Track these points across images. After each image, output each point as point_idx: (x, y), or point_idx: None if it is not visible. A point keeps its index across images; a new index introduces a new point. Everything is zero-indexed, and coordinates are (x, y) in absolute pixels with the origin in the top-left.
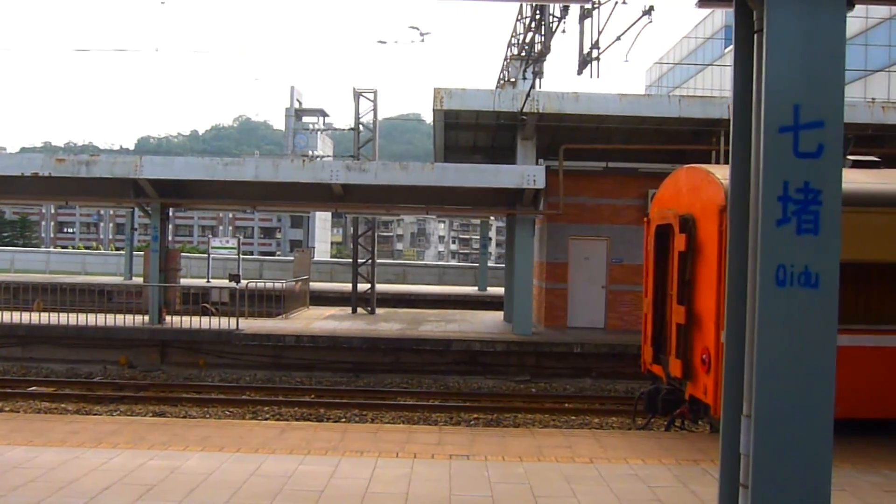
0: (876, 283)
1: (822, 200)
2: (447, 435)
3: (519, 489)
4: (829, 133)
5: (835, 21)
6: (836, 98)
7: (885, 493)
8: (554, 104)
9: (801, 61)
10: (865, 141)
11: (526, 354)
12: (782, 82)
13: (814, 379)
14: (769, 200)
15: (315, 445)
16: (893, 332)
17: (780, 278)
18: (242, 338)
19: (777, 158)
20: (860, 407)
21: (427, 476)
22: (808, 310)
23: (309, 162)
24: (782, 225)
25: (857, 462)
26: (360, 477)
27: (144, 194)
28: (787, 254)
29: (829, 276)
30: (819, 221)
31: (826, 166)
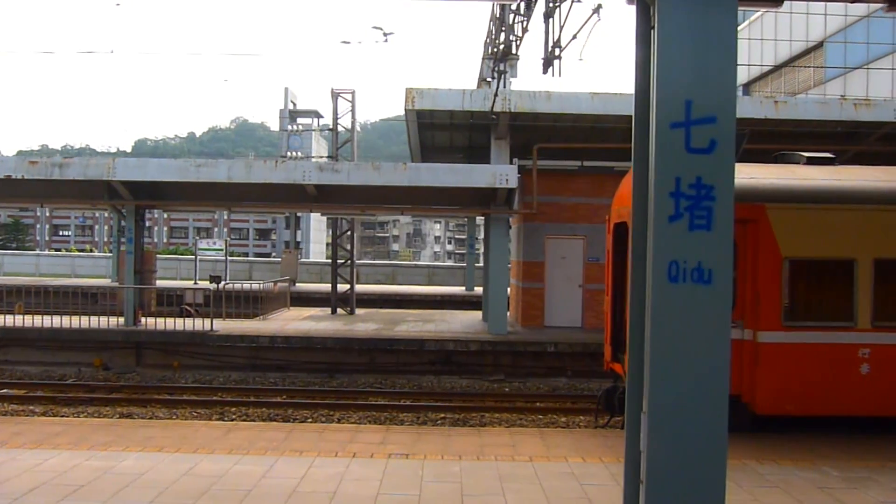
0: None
1: (715, 196)
2: (392, 434)
3: (449, 488)
4: (722, 128)
5: (725, 18)
6: (728, 93)
7: (819, 489)
8: (526, 103)
9: (692, 57)
10: (839, 138)
11: (501, 354)
12: (674, 78)
13: (708, 375)
14: (661, 196)
15: (257, 445)
16: (835, 329)
17: (673, 274)
18: (216, 339)
19: (669, 154)
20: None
21: (360, 475)
22: (702, 305)
23: (283, 163)
24: (675, 221)
25: (799, 459)
26: (292, 476)
27: (119, 196)
28: (680, 250)
29: (722, 272)
30: (712, 217)
31: (719, 162)
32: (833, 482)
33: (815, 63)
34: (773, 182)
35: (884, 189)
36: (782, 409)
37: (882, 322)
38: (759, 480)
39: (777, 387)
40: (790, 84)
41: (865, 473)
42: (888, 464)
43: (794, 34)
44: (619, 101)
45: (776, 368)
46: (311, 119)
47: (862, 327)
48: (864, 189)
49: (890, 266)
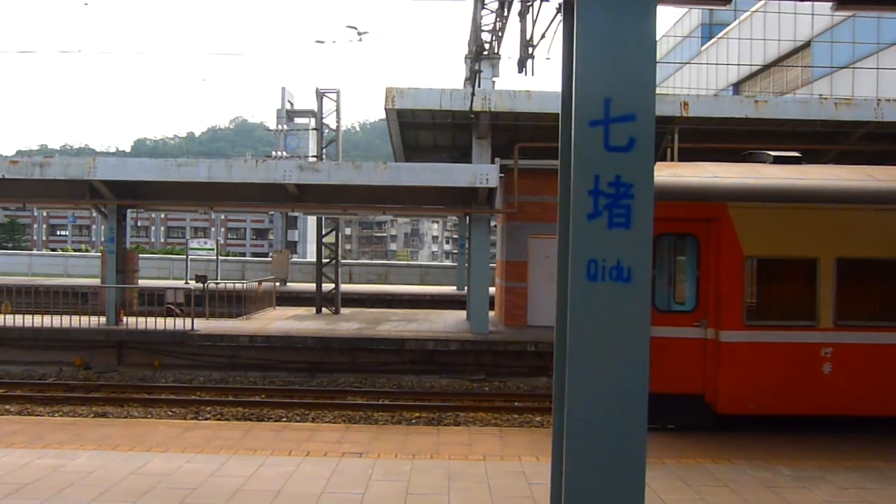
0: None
1: (634, 194)
2: (351, 434)
3: (395, 486)
4: (641, 126)
5: (644, 16)
6: (647, 92)
7: (768, 488)
8: (506, 103)
9: (611, 56)
10: (822, 138)
11: (482, 353)
12: (593, 76)
13: (627, 372)
14: (580, 195)
15: (213, 444)
16: (797, 328)
17: (592, 273)
18: (197, 338)
19: (588, 152)
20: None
21: (309, 474)
22: (621, 304)
23: (263, 162)
24: (594, 219)
25: (754, 458)
26: (240, 475)
27: (100, 196)
28: (599, 248)
29: (641, 270)
30: (631, 215)
31: (638, 160)
32: (783, 481)
33: (802, 62)
34: (736, 181)
35: (846, 188)
36: (744, 408)
37: (844, 321)
38: (709, 480)
39: (739, 386)
40: (778, 84)
41: (818, 473)
42: (843, 462)
43: (783, 34)
44: None
45: (738, 368)
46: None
47: (824, 326)
48: (826, 188)
49: (852, 265)
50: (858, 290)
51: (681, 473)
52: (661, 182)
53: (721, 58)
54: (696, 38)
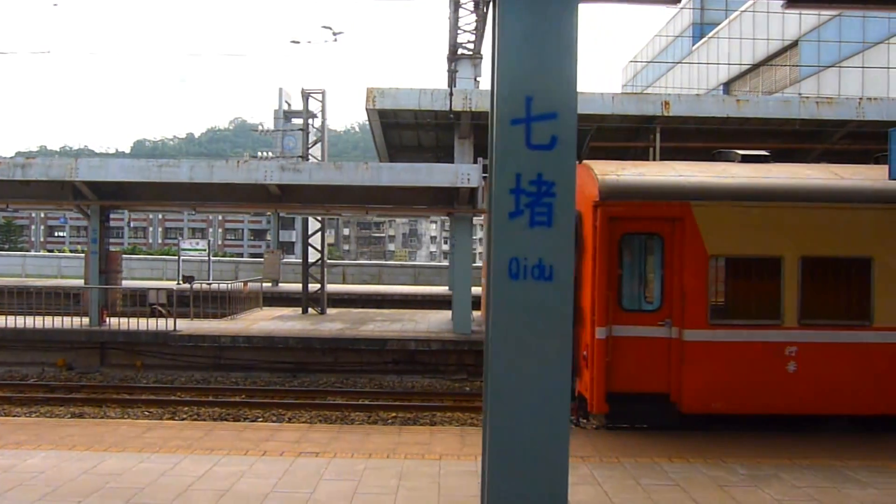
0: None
1: (556, 192)
2: (311, 433)
3: (345, 486)
4: (563, 124)
5: (565, 15)
6: (569, 90)
7: (719, 487)
8: (487, 102)
9: (532, 54)
10: (805, 137)
11: (465, 353)
12: (514, 74)
13: (549, 370)
14: (501, 193)
15: (171, 444)
16: (762, 327)
17: (513, 271)
18: (179, 339)
19: (510, 150)
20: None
21: (261, 473)
22: (543, 302)
23: (244, 163)
24: (515, 217)
25: (713, 457)
26: (192, 474)
27: (83, 196)
28: (520, 246)
29: (563, 268)
30: (552, 214)
31: (559, 158)
32: (737, 480)
33: (790, 62)
34: (700, 179)
35: (810, 186)
36: (708, 407)
37: (809, 320)
38: (661, 479)
39: (703, 385)
40: (767, 83)
41: (773, 471)
42: (800, 461)
43: (771, 33)
44: (583, 100)
45: (702, 367)
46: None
47: (789, 325)
48: (790, 187)
49: (817, 263)
50: (823, 289)
51: (635, 473)
52: (625, 182)
53: (712, 57)
54: (687, 38)
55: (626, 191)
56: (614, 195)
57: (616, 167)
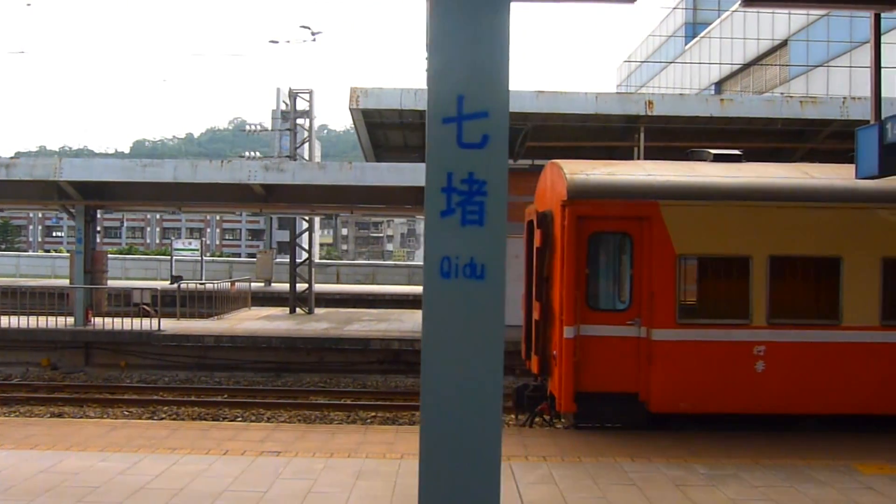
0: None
1: (488, 191)
2: (277, 433)
3: (300, 485)
4: (494, 123)
5: (498, 14)
6: (501, 89)
7: (676, 486)
8: None
9: (464, 53)
10: (789, 136)
11: None
12: (447, 73)
13: (481, 370)
14: (433, 192)
15: (135, 443)
16: (730, 326)
17: (445, 270)
18: (162, 339)
19: (441, 149)
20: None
21: (219, 472)
22: (475, 301)
23: (228, 162)
24: (446, 216)
25: (675, 456)
26: (149, 473)
27: (68, 196)
28: (452, 245)
29: (495, 267)
30: (484, 212)
31: (491, 156)
32: (695, 479)
33: (780, 61)
34: (668, 179)
35: (778, 186)
36: (676, 407)
37: (777, 319)
38: (620, 478)
39: (671, 385)
40: (758, 82)
41: (734, 471)
42: (762, 460)
43: (762, 33)
44: (566, 100)
45: (670, 366)
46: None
47: (757, 325)
48: (758, 186)
49: (786, 263)
50: (792, 288)
51: (594, 472)
52: (594, 181)
53: (704, 57)
54: (679, 38)
55: (594, 190)
56: (583, 194)
57: (586, 166)
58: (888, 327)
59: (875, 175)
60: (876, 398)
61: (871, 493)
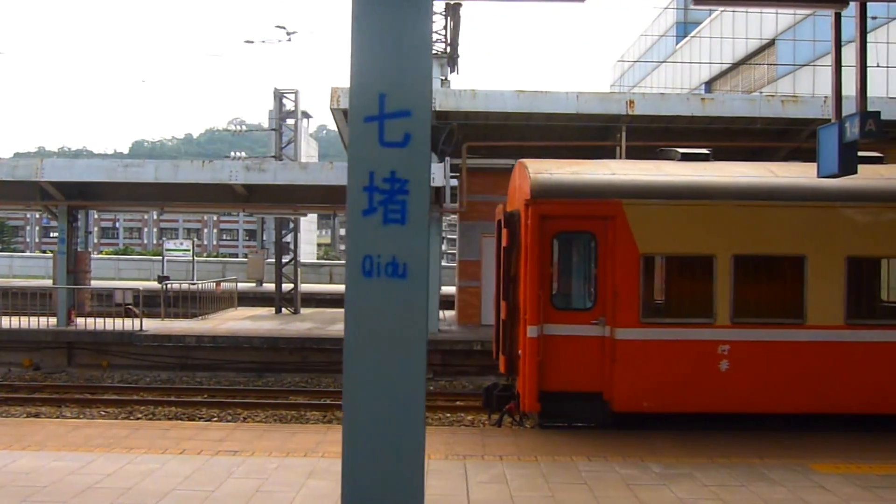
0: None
1: (409, 190)
2: (237, 432)
3: (249, 484)
4: (416, 122)
5: (419, 14)
6: (423, 88)
7: (627, 485)
8: (451, 101)
9: (386, 51)
10: (773, 135)
11: (432, 353)
12: (368, 71)
13: (404, 368)
14: (355, 191)
15: (93, 442)
16: (694, 325)
17: (367, 269)
18: (144, 339)
19: (363, 148)
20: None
21: (171, 472)
22: (397, 300)
23: (210, 163)
24: (368, 215)
25: (633, 455)
26: (101, 473)
27: (50, 197)
28: (374, 244)
29: (417, 266)
30: (406, 211)
31: (413, 155)
32: (648, 479)
33: (768, 60)
34: (631, 178)
35: (742, 184)
36: (640, 406)
37: (742, 318)
38: (572, 478)
39: (634, 384)
40: (747, 81)
41: (688, 470)
42: (719, 459)
43: (750, 32)
44: (547, 100)
45: (633, 365)
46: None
47: (721, 324)
48: (722, 185)
49: (750, 262)
50: (756, 287)
51: (548, 471)
52: (557, 180)
53: (694, 56)
54: (671, 38)
55: (558, 189)
56: (546, 193)
57: (551, 165)
58: (853, 326)
59: (835, 174)
60: (840, 397)
61: (820, 491)
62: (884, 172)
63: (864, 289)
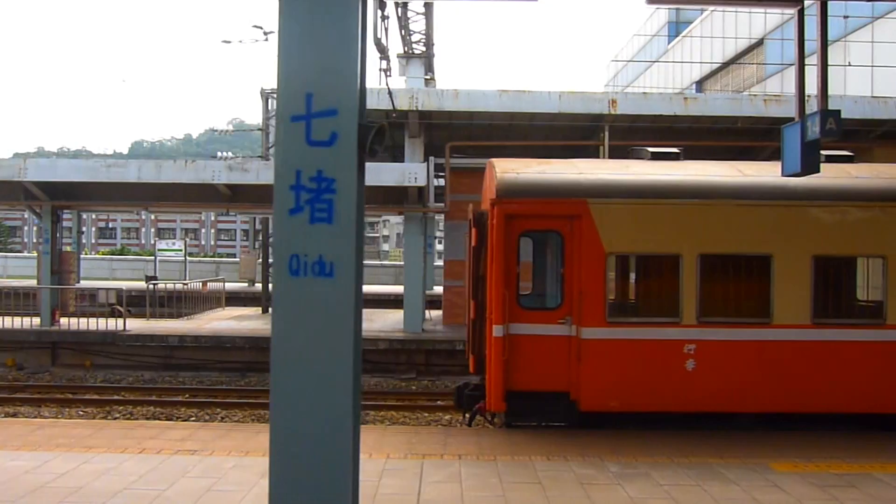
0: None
1: (336, 189)
2: (200, 432)
3: (202, 483)
4: (343, 121)
5: (347, 12)
6: (350, 87)
7: (580, 485)
8: (433, 101)
9: (313, 50)
10: (758, 134)
11: (414, 352)
12: (295, 71)
13: (331, 367)
14: (282, 190)
15: (54, 441)
16: (660, 324)
17: (294, 268)
18: (127, 339)
19: (290, 147)
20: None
21: (126, 471)
22: (324, 299)
23: (192, 163)
24: (295, 214)
25: (593, 455)
26: (56, 472)
27: (34, 197)
28: (301, 243)
29: (344, 265)
30: (333, 210)
31: (340, 155)
32: (603, 478)
33: (757, 59)
34: (597, 177)
35: (708, 183)
36: (606, 405)
37: (708, 318)
38: (528, 477)
39: (601, 383)
40: (736, 81)
41: (646, 469)
42: (679, 459)
43: (740, 31)
44: (529, 99)
45: (600, 365)
46: None
47: (687, 323)
48: (687, 183)
49: (717, 261)
50: (723, 286)
51: (505, 470)
52: (524, 179)
53: (686, 56)
54: (663, 37)
55: (524, 189)
56: (512, 193)
57: (519, 165)
58: (819, 325)
59: (798, 173)
60: (808, 396)
61: (774, 490)
62: (852, 171)
63: (831, 288)
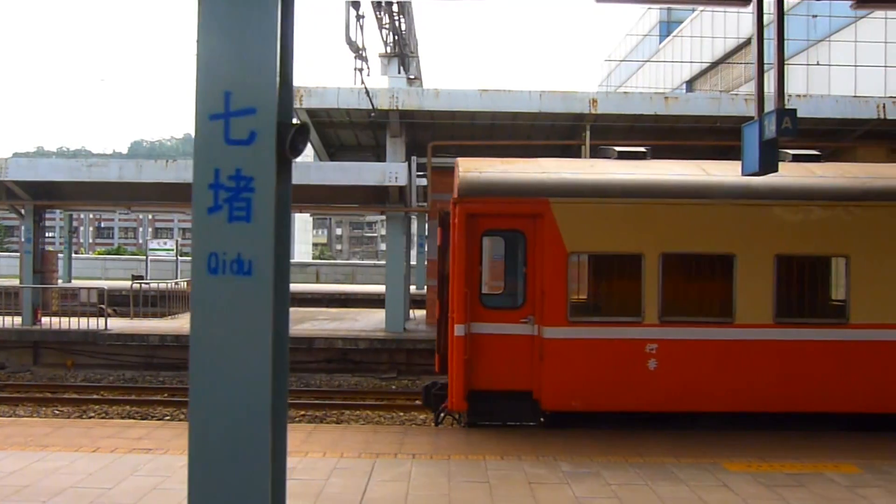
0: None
1: (255, 188)
2: (158, 431)
3: (150, 481)
4: (262, 120)
5: (268, 10)
6: (269, 85)
7: (528, 484)
8: (414, 101)
9: (232, 48)
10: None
11: (396, 352)
12: (213, 69)
13: (248, 367)
14: (201, 188)
15: (10, 440)
16: (622, 324)
17: (213, 266)
18: (108, 338)
19: (209, 146)
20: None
21: (76, 469)
22: (242, 297)
23: (173, 162)
24: (214, 213)
25: (548, 454)
26: (3, 471)
27: (15, 196)
28: (220, 242)
29: (262, 264)
30: (251, 209)
31: (258, 153)
32: (553, 478)
33: (747, 59)
34: (559, 176)
35: (671, 182)
36: (568, 405)
37: (670, 317)
38: (477, 476)
39: (563, 383)
40: (726, 80)
41: (597, 469)
42: (633, 458)
43: (729, 31)
44: (510, 98)
45: (561, 364)
46: None
47: (649, 322)
48: (650, 183)
49: (679, 260)
50: (685, 286)
51: (455, 470)
52: (486, 178)
53: (677, 55)
54: (654, 37)
55: (486, 188)
56: (474, 192)
57: (483, 164)
58: (782, 325)
59: (756, 172)
60: (770, 395)
61: (722, 490)
62: (817, 170)
63: (794, 287)
